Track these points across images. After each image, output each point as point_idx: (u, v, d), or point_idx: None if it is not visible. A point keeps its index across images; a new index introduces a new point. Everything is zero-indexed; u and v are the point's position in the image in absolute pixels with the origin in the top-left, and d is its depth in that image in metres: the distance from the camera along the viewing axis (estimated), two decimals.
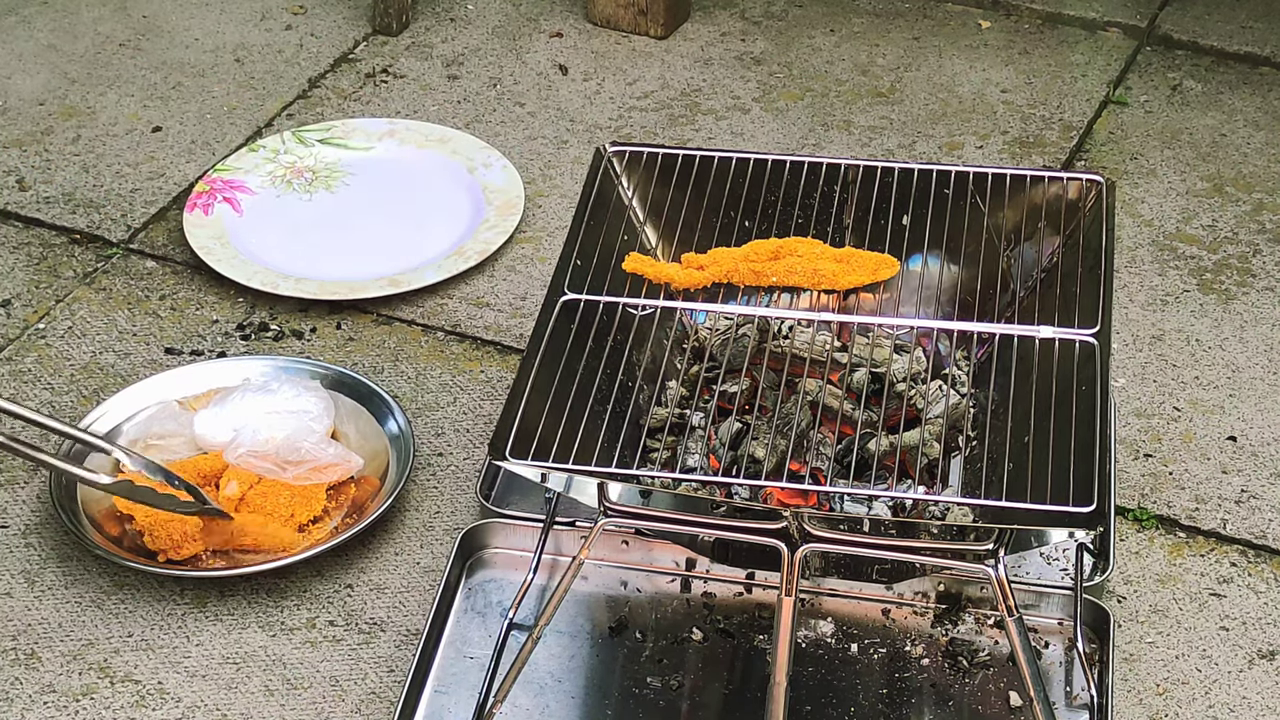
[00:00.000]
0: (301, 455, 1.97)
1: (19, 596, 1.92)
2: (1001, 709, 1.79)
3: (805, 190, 1.86)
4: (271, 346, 2.24)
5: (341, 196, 2.47)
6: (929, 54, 2.80)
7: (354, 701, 1.82)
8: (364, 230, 2.42)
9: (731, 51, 2.80)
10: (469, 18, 2.89)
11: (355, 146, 2.55)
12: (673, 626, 1.87)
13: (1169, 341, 2.25)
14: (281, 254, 2.36)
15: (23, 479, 2.05)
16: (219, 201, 2.43)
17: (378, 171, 2.52)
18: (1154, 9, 2.87)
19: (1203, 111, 2.66)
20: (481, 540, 1.94)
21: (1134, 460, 2.08)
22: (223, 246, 2.35)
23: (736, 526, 1.62)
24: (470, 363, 2.22)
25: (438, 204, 2.46)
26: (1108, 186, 1.81)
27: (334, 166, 2.52)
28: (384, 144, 2.55)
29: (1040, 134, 2.61)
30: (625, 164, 1.87)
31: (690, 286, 1.75)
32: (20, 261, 2.38)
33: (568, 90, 2.71)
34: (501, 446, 1.56)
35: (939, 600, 1.88)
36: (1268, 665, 1.85)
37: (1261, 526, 2.00)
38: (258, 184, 2.47)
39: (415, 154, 2.54)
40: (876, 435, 1.74)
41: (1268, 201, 2.48)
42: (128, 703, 1.82)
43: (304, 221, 2.42)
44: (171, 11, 2.88)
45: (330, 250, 2.37)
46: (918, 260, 1.83)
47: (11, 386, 2.17)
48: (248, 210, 2.43)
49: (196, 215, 2.40)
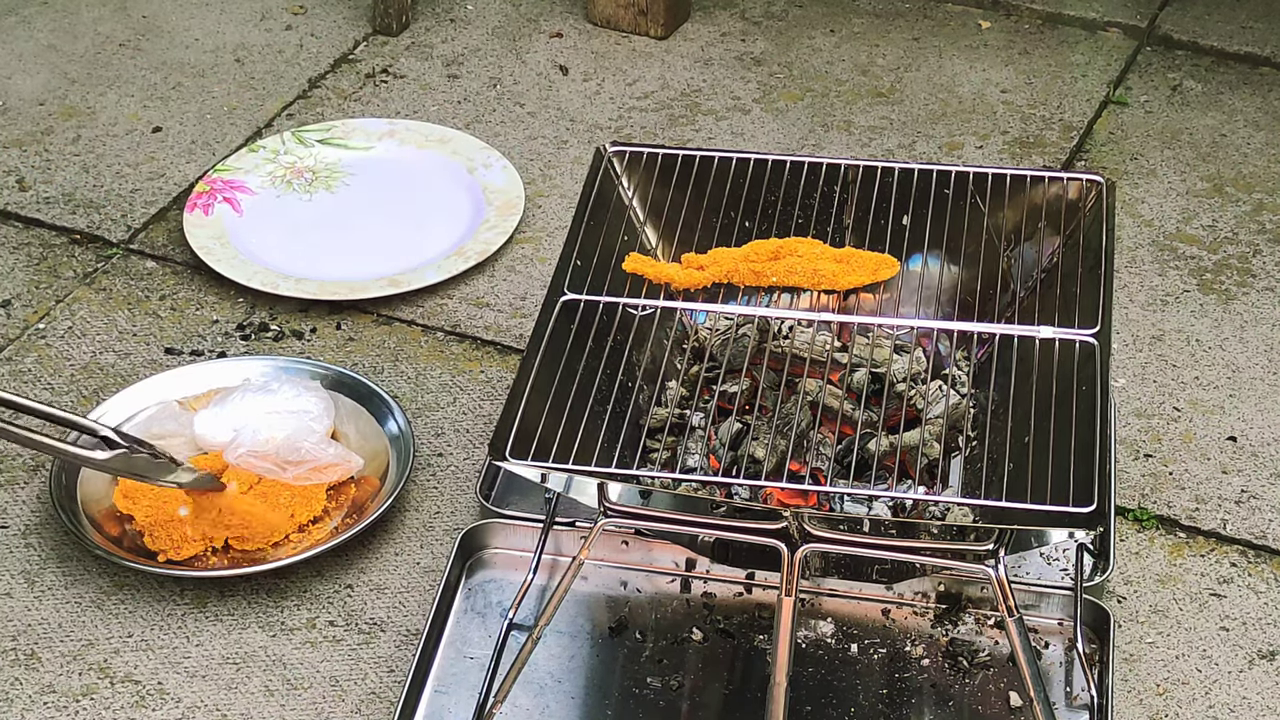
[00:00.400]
0: (301, 455, 1.97)
1: (19, 596, 1.92)
2: (1001, 709, 1.79)
3: (805, 190, 1.86)
4: (271, 347, 2.24)
5: (341, 197, 2.47)
6: (929, 54, 2.80)
7: (354, 701, 1.82)
8: (364, 230, 2.42)
9: (731, 52, 2.80)
10: (469, 18, 2.89)
11: (355, 146, 2.55)
12: (673, 627, 1.87)
13: (1169, 341, 2.25)
14: (281, 254, 2.36)
15: (23, 479, 2.05)
16: (219, 202, 2.43)
17: (378, 172, 2.52)
18: (1154, 9, 2.87)
19: (1203, 111, 2.66)
20: (481, 540, 1.94)
21: (1134, 460, 2.08)
22: (223, 246, 2.35)
23: (736, 526, 1.62)
24: (470, 363, 2.22)
25: (438, 204, 2.46)
26: (1108, 186, 1.81)
27: (334, 167, 2.52)
28: (384, 144, 2.55)
29: (1040, 134, 2.61)
30: (625, 164, 1.87)
31: (690, 286, 1.75)
32: (20, 261, 2.38)
33: (568, 90, 2.71)
34: (501, 447, 1.56)
35: (939, 600, 1.88)
36: (1268, 665, 1.85)
37: (1261, 526, 2.00)
38: (258, 184, 2.47)
39: (415, 154, 2.54)
40: (876, 435, 1.74)
41: (1268, 201, 2.48)
42: (128, 703, 1.82)
43: (304, 221, 2.42)
44: (171, 11, 2.88)
45: (330, 250, 2.37)
46: (918, 260, 1.83)
47: (11, 386, 2.17)
48: (248, 210, 2.43)
49: (196, 215, 2.40)
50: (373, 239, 2.40)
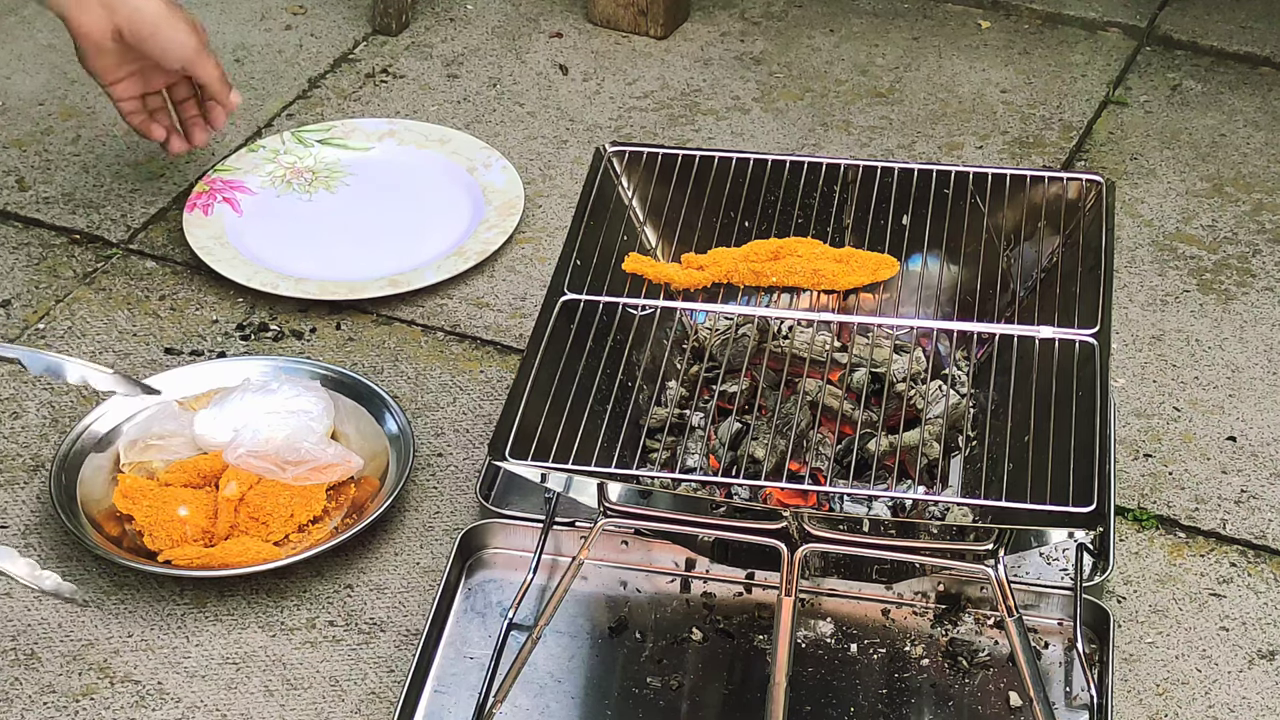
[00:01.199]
0: (301, 455, 1.97)
1: (19, 596, 1.92)
2: (1001, 709, 1.79)
3: (805, 190, 1.86)
4: (271, 347, 2.24)
5: (341, 197, 2.47)
6: (929, 54, 2.80)
7: (354, 701, 1.82)
8: (364, 230, 2.42)
9: (731, 51, 2.80)
10: (469, 18, 2.89)
11: (355, 147, 2.55)
12: (673, 627, 1.87)
13: (1169, 341, 2.25)
14: (281, 254, 2.36)
15: (23, 479, 2.05)
16: (219, 202, 2.43)
17: (377, 172, 2.52)
18: (1154, 9, 2.87)
19: (1203, 111, 2.66)
20: (481, 540, 1.94)
21: (1134, 460, 2.08)
22: (222, 246, 2.35)
23: (736, 526, 1.62)
24: (470, 363, 2.22)
25: (437, 204, 2.46)
26: (1108, 186, 1.81)
27: (334, 167, 2.52)
28: (384, 144, 2.55)
29: (1040, 134, 2.61)
30: (625, 164, 1.87)
31: (690, 286, 1.75)
32: (20, 261, 2.38)
33: (568, 90, 2.72)
34: (501, 447, 1.56)
35: (939, 600, 1.88)
36: (1268, 665, 1.85)
37: (1261, 526, 2.00)
38: (257, 184, 2.47)
39: (415, 154, 2.54)
40: (876, 435, 1.74)
41: (1268, 201, 2.48)
42: (128, 703, 1.82)
43: (304, 221, 2.42)
44: None
45: (330, 250, 2.37)
46: (918, 260, 1.83)
47: (11, 386, 2.17)
48: (247, 210, 2.43)
49: (196, 215, 2.40)
50: (372, 239, 2.40)
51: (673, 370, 1.87)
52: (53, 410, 2.14)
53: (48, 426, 2.12)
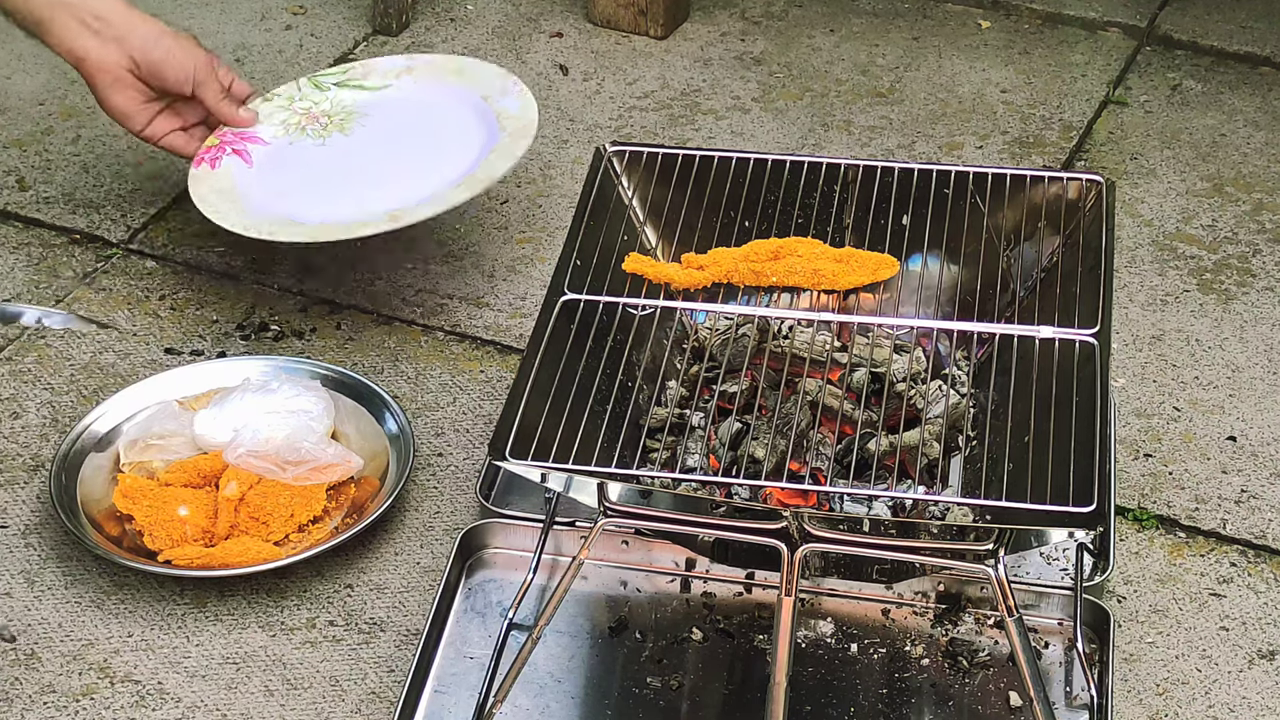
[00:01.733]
0: (301, 455, 1.97)
1: (19, 596, 1.92)
2: (1001, 709, 1.79)
3: (805, 190, 1.86)
4: (271, 346, 2.24)
5: (356, 138, 2.37)
6: (929, 54, 2.80)
7: (354, 701, 1.82)
8: (374, 171, 2.31)
9: (731, 51, 2.80)
10: (469, 18, 2.89)
11: (371, 86, 2.45)
12: (673, 626, 1.87)
13: (1169, 341, 2.25)
14: (288, 202, 2.26)
15: (22, 479, 2.05)
16: (228, 155, 2.33)
17: (394, 109, 2.41)
18: (1154, 9, 2.87)
19: (1203, 111, 2.66)
20: (481, 540, 1.94)
21: (1134, 460, 2.08)
22: (219, 197, 2.26)
23: (736, 526, 1.62)
24: (470, 363, 2.22)
25: (451, 137, 2.34)
26: (1108, 186, 1.81)
27: (349, 108, 2.41)
28: (400, 81, 2.44)
29: (1040, 134, 2.61)
30: (625, 164, 1.87)
31: (690, 286, 1.75)
32: (20, 261, 2.38)
33: (568, 90, 2.72)
34: (501, 446, 1.56)
35: (939, 600, 1.88)
36: (1268, 665, 1.85)
37: (1261, 526, 2.00)
38: (270, 134, 2.37)
39: (432, 89, 2.43)
40: (876, 435, 1.74)
41: (1268, 201, 2.48)
42: (128, 703, 1.82)
43: (314, 167, 2.32)
44: (171, 11, 2.88)
45: (336, 192, 2.27)
46: (918, 260, 1.83)
47: (11, 386, 2.17)
48: (258, 161, 2.32)
49: (203, 170, 2.29)
50: (382, 178, 2.29)
51: (673, 370, 1.87)
52: (53, 410, 2.14)
53: (48, 426, 2.12)
